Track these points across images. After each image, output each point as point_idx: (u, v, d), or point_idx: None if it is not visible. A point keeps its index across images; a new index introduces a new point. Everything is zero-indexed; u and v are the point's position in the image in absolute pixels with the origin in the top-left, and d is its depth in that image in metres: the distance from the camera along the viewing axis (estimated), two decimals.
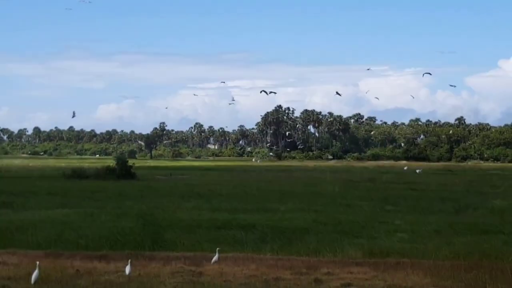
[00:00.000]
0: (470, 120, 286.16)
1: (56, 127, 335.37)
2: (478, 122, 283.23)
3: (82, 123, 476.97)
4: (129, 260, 21.34)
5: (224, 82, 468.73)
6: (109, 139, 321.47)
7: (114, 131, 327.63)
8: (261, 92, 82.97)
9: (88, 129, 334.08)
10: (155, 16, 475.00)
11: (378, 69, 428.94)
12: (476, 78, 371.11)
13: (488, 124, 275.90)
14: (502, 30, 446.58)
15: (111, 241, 30.49)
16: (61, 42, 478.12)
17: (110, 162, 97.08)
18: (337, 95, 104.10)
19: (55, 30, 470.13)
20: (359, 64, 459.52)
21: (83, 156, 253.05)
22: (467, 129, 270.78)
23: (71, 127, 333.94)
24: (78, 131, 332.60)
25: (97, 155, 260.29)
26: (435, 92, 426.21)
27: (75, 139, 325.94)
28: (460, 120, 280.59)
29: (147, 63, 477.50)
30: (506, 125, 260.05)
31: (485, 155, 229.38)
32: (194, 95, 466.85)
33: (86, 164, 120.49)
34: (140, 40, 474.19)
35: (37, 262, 19.83)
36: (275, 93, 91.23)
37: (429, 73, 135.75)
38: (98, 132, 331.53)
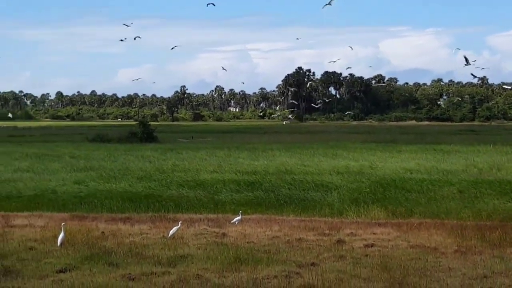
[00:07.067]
0: (493, 79, 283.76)
1: (78, 92, 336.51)
2: (501, 82, 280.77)
3: (103, 87, 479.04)
4: (179, 222, 21.64)
5: None
6: (130, 103, 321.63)
7: (136, 95, 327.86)
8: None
9: (109, 93, 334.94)
10: None
11: (398, 29, 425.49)
12: (497, 38, 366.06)
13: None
14: None
15: (135, 204, 30.75)
16: (79, 7, 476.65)
17: (133, 125, 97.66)
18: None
19: None
20: (379, 25, 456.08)
21: (105, 120, 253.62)
22: (490, 89, 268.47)
23: (93, 91, 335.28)
24: (100, 96, 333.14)
25: (119, 119, 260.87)
26: (456, 52, 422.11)
27: (97, 103, 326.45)
28: (483, 79, 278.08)
29: (164, 27, 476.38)
30: None
31: (509, 115, 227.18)
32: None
33: (109, 127, 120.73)
34: (156, 4, 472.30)
35: (63, 224, 20.00)
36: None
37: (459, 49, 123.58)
38: (119, 96, 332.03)
